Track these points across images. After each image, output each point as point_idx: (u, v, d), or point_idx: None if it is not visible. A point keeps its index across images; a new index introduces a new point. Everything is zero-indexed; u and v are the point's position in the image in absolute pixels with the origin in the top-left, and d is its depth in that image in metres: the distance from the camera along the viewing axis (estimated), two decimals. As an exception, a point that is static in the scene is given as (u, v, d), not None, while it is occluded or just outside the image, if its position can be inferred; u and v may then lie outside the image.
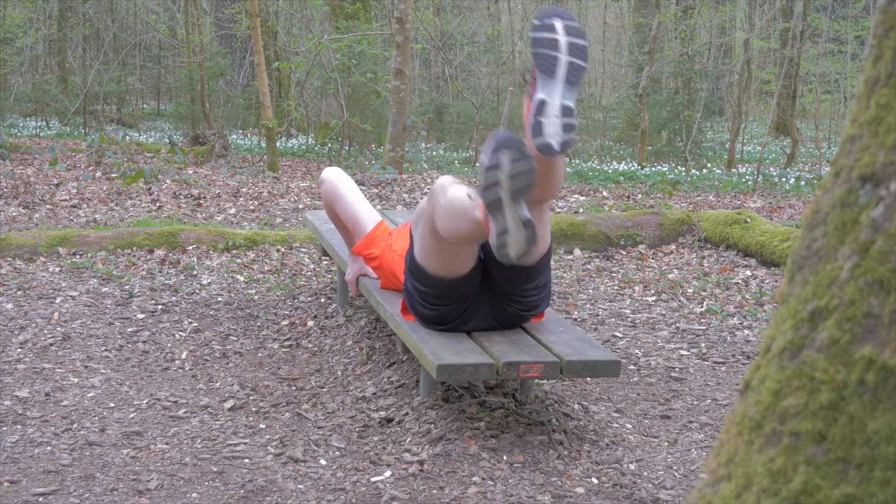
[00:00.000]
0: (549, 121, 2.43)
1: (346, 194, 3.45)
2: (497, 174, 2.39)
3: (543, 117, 2.43)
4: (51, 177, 7.83)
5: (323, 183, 3.50)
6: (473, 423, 2.73)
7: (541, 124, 2.43)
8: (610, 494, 2.40)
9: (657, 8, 11.52)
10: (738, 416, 0.99)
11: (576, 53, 2.45)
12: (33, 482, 2.40)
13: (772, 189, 8.60)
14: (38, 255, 4.85)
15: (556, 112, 2.43)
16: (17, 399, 2.98)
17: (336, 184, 3.47)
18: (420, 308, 2.85)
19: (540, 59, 2.45)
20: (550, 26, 2.45)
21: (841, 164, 0.97)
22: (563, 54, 2.45)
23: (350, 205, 3.43)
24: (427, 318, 2.85)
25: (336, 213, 3.48)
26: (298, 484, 2.42)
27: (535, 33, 2.46)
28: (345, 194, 3.45)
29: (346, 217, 3.44)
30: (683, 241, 5.58)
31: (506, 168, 2.37)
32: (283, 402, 3.05)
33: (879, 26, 0.96)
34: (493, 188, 2.39)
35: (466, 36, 15.31)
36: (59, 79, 15.95)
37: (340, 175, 3.51)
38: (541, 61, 2.45)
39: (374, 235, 3.37)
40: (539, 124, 2.43)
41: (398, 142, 8.91)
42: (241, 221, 6.29)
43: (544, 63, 2.44)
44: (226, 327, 3.84)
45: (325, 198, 3.50)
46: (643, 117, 11.10)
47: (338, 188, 3.46)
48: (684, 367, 3.50)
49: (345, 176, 3.52)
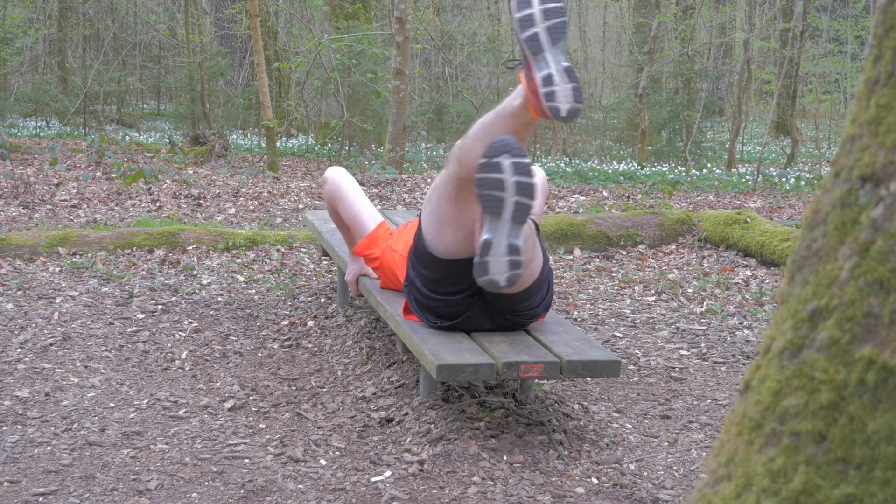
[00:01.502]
0: (495, 259, 2.47)
1: (348, 193, 3.44)
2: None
3: (489, 257, 2.47)
4: (51, 177, 7.83)
5: (326, 182, 3.50)
6: (473, 423, 2.73)
7: (486, 264, 2.48)
8: (610, 494, 2.40)
9: (657, 8, 11.52)
10: (738, 416, 0.99)
11: (522, 192, 2.45)
12: (33, 482, 2.40)
13: (772, 189, 8.60)
14: (38, 255, 4.85)
15: (503, 252, 2.47)
16: (17, 399, 2.98)
17: (339, 183, 3.47)
18: (421, 299, 2.83)
19: (485, 201, 2.45)
20: (496, 165, 2.43)
21: (841, 164, 0.97)
22: (510, 195, 2.44)
23: (352, 204, 3.43)
24: (428, 308, 2.83)
25: (338, 213, 3.48)
26: (298, 484, 2.42)
27: (481, 174, 2.44)
28: (347, 193, 3.44)
29: (347, 217, 3.44)
30: (683, 241, 5.58)
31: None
32: (283, 402, 3.05)
33: (879, 26, 0.96)
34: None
35: (466, 36, 15.30)
36: (59, 79, 15.95)
37: (343, 174, 3.51)
38: (486, 202, 2.45)
39: (375, 236, 3.37)
40: (485, 264, 2.48)
41: (398, 142, 8.91)
42: (241, 221, 6.29)
43: (490, 204, 2.45)
44: (226, 327, 3.84)
45: (327, 197, 3.50)
46: (643, 117, 11.10)
47: (341, 188, 3.45)
48: (684, 367, 3.50)
49: (348, 175, 3.52)
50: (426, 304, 2.83)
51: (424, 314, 2.87)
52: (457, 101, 14.08)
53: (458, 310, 2.80)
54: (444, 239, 2.71)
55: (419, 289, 2.82)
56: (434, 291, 2.78)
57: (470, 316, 2.82)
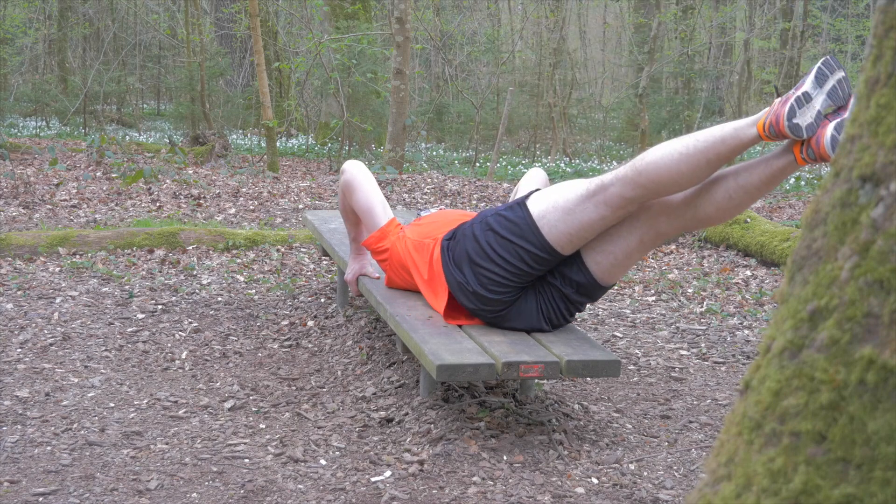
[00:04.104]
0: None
1: (364, 185, 3.44)
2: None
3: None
4: (51, 177, 7.83)
5: (344, 172, 3.49)
6: (473, 423, 2.73)
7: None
8: (610, 494, 2.40)
9: (657, 8, 11.52)
10: (738, 416, 0.99)
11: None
12: (33, 482, 2.40)
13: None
14: (38, 255, 4.85)
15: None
16: (17, 399, 2.98)
17: (356, 174, 3.46)
18: (484, 292, 2.85)
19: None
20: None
21: (841, 164, 0.97)
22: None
23: (368, 196, 3.42)
24: (492, 300, 2.86)
25: (350, 205, 3.46)
26: (298, 484, 2.42)
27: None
28: (363, 185, 3.44)
29: (360, 209, 3.42)
30: (683, 241, 5.58)
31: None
32: (283, 402, 3.04)
33: (879, 26, 0.96)
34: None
35: (466, 36, 15.31)
36: (59, 79, 15.96)
37: (361, 167, 3.51)
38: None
39: (387, 230, 3.36)
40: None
41: (398, 142, 8.91)
42: (241, 221, 6.29)
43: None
44: (226, 327, 3.84)
45: (343, 187, 3.49)
46: (643, 117, 11.10)
47: (357, 178, 3.44)
48: (684, 367, 3.49)
49: (365, 169, 3.51)
50: (492, 297, 2.85)
51: (486, 306, 2.88)
52: (457, 101, 14.08)
53: (509, 302, 2.87)
54: (574, 240, 2.75)
55: (487, 280, 2.85)
56: (506, 284, 2.82)
57: (518, 308, 2.87)
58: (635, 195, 2.61)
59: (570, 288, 2.84)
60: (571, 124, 14.36)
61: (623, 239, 2.75)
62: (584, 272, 2.80)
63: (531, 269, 2.80)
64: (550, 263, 2.80)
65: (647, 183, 2.57)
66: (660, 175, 2.54)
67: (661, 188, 2.58)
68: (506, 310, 2.87)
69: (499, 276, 2.81)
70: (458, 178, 8.68)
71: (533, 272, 2.81)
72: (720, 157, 2.51)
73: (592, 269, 2.80)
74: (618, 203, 2.64)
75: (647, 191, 2.59)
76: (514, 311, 2.88)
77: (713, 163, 2.52)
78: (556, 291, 2.86)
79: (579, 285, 2.83)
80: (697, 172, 2.53)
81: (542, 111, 13.84)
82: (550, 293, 2.87)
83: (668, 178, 2.54)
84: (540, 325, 2.88)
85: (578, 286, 2.83)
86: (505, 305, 2.86)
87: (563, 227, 2.72)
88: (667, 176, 2.54)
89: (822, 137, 2.43)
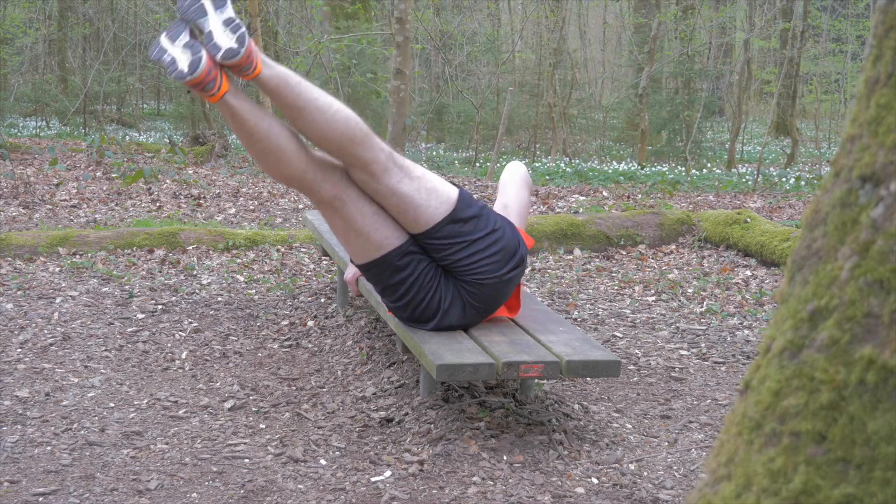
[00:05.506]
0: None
1: None
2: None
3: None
4: (51, 177, 7.83)
5: None
6: (473, 423, 2.73)
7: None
8: (610, 494, 2.40)
9: (657, 8, 11.52)
10: (738, 416, 0.99)
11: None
12: (33, 482, 2.40)
13: (772, 189, 8.60)
14: (38, 255, 4.85)
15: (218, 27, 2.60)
16: (17, 399, 2.98)
17: None
18: (392, 307, 2.86)
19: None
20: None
21: (841, 164, 0.97)
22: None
23: None
24: (404, 317, 2.86)
25: None
26: (298, 484, 2.42)
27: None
28: None
29: None
30: (683, 241, 5.58)
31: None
32: (283, 402, 3.04)
33: (879, 26, 0.96)
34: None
35: (466, 36, 15.31)
36: (59, 79, 15.96)
37: None
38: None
39: None
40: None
41: (398, 142, 8.91)
42: (241, 221, 6.29)
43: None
44: (226, 327, 3.84)
45: None
46: (643, 117, 11.10)
47: None
48: (684, 367, 3.49)
49: None
50: (401, 314, 2.85)
51: (410, 324, 2.88)
52: (457, 101, 14.08)
53: (433, 310, 2.82)
54: (361, 250, 2.75)
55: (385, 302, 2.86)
56: (397, 296, 2.80)
57: (447, 308, 2.82)
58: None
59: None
60: (571, 124, 14.36)
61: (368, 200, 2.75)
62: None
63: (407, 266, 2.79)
64: (408, 252, 2.76)
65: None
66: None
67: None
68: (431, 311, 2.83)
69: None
70: (458, 178, 8.68)
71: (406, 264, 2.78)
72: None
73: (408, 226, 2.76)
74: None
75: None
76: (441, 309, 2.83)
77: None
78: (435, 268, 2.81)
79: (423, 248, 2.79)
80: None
81: (542, 111, 13.84)
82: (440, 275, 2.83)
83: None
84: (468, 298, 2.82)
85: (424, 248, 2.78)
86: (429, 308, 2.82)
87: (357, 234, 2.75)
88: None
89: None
